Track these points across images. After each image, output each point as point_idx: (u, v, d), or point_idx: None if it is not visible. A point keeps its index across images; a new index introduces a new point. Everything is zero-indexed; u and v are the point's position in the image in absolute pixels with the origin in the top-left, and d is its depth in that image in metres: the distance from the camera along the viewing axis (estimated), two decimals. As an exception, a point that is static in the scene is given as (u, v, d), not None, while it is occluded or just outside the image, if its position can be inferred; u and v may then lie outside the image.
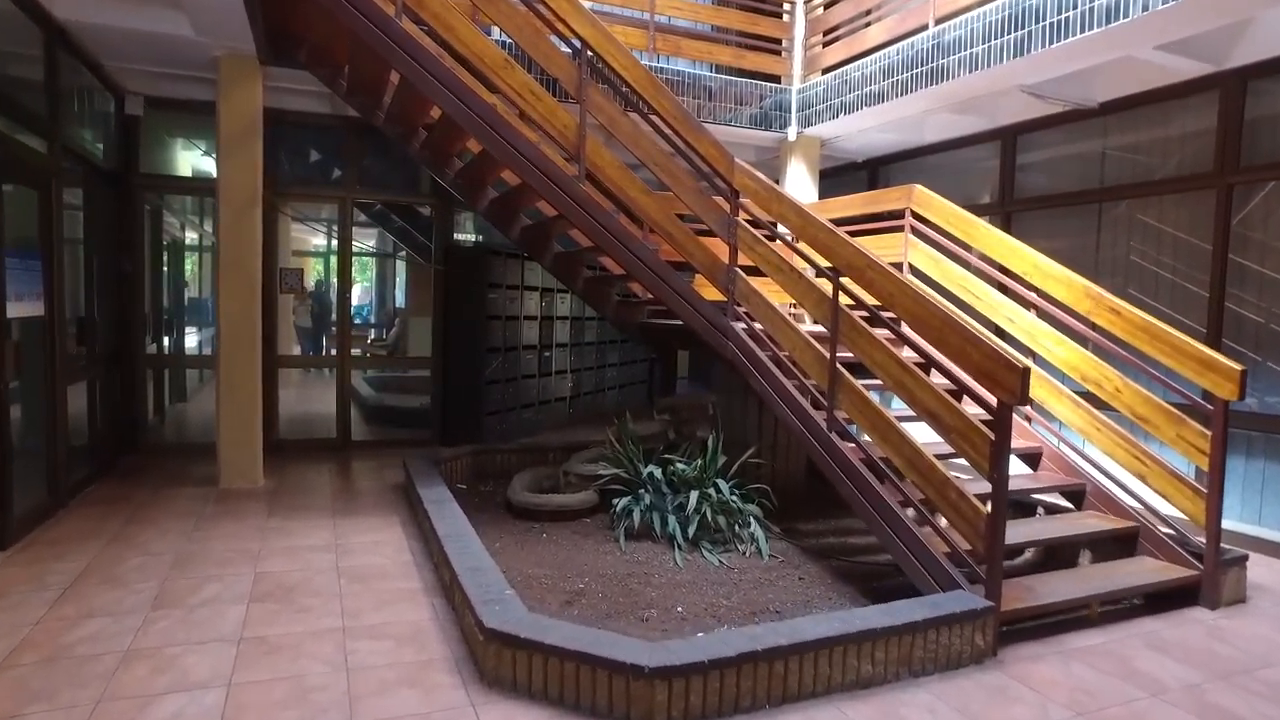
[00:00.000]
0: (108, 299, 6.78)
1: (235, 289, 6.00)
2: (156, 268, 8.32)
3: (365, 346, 14.31)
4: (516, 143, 4.97)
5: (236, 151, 5.98)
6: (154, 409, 8.17)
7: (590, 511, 5.79)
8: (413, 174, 8.33)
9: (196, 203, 10.27)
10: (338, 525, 5.25)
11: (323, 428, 8.04)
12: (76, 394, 6.02)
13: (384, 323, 15.50)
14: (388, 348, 13.84)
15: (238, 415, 6.06)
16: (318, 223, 10.30)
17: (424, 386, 8.79)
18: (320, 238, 18.20)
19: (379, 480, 6.58)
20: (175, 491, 5.95)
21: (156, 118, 7.31)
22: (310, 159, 8.13)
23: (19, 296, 4.82)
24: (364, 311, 17.53)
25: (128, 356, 7.14)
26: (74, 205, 6.14)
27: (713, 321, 5.52)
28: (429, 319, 8.31)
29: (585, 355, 9.98)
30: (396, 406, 9.35)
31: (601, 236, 5.20)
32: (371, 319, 16.92)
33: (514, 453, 6.96)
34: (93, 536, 4.87)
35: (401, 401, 9.68)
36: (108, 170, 6.73)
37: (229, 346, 6.01)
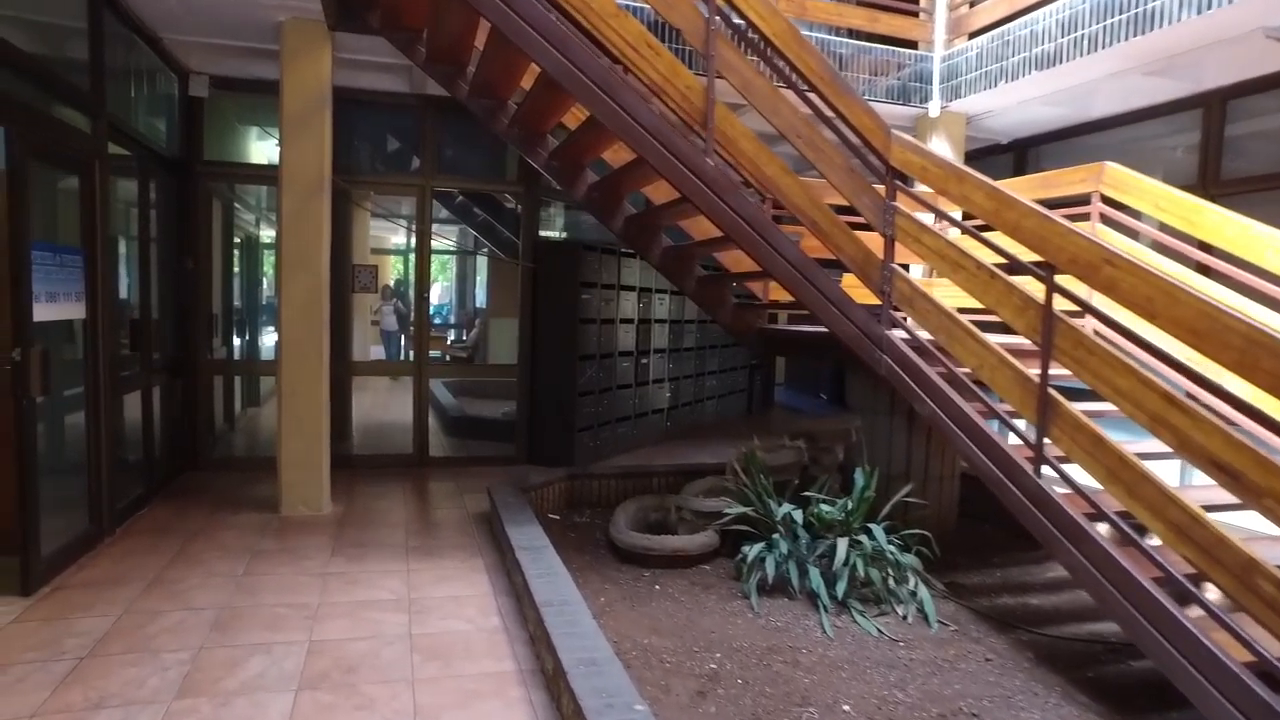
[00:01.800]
0: (168, 299, 6.12)
1: (298, 288, 5.23)
2: (226, 265, 7.69)
3: (444, 349, 13.65)
4: (632, 107, 4.03)
5: (301, 131, 5.21)
6: (223, 416, 7.54)
7: (710, 556, 4.83)
8: (497, 159, 7.50)
9: (273, 195, 9.73)
10: (412, 571, 4.40)
11: (398, 442, 7.28)
12: (130, 406, 5.35)
13: (463, 324, 14.83)
14: (467, 349, 13.15)
15: (300, 433, 5.29)
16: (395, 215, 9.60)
17: (507, 392, 7.98)
18: (400, 235, 17.76)
19: (459, 507, 5.74)
20: (231, 518, 5.22)
21: (222, 100, 6.65)
22: (385, 144, 7.39)
23: (52, 297, 4.11)
24: (443, 311, 16.96)
25: (190, 363, 6.49)
26: (128, 195, 5.48)
27: (865, 330, 4.48)
28: (511, 320, 7.50)
29: (684, 362, 9.01)
30: (478, 417, 8.55)
31: (735, 226, 4.22)
32: (451, 319, 16.31)
33: (613, 478, 6.04)
34: (130, 579, 4.13)
35: (483, 411, 8.89)
36: (169, 158, 6.07)
37: (290, 354, 5.25)
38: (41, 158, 4.03)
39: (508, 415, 8.70)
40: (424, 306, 7.09)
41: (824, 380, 14.00)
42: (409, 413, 7.15)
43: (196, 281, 6.49)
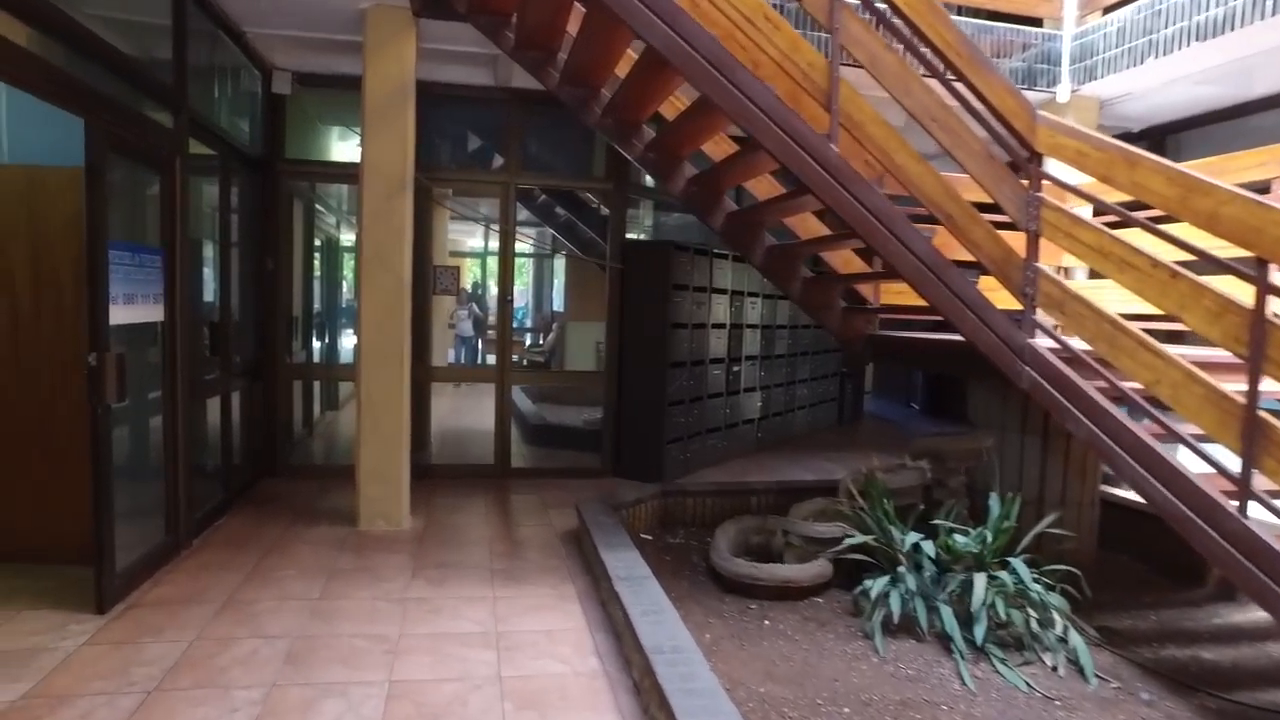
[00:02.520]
0: (247, 301, 5.94)
1: (378, 289, 4.95)
2: (306, 266, 7.54)
3: (520, 353, 13.42)
4: (748, 87, 3.59)
5: (383, 124, 4.93)
6: (301, 421, 7.38)
7: (822, 587, 4.36)
8: (583, 156, 7.16)
9: (352, 194, 9.60)
10: (498, 599, 4.04)
11: (478, 451, 6.99)
12: (209, 411, 5.16)
13: (539, 328, 14.59)
14: (544, 354, 12.89)
15: (379, 444, 5.01)
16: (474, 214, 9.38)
17: (586, 399, 7.65)
18: (476, 238, 17.68)
19: (545, 524, 5.38)
20: (307, 531, 4.97)
21: (304, 98, 6.46)
22: (467, 140, 7.11)
23: (129, 299, 3.89)
24: (518, 315, 16.81)
25: (269, 367, 6.30)
26: (209, 193, 5.30)
27: (1005, 338, 3.94)
28: (589, 324, 7.16)
29: (775, 370, 8.51)
30: (559, 426, 8.22)
31: (862, 220, 3.74)
32: (527, 323, 16.13)
33: (709, 496, 5.59)
34: (203, 598, 3.88)
35: (563, 418, 8.56)
36: (251, 156, 5.90)
37: (370, 359, 4.97)
38: (120, 152, 3.81)
39: (589, 423, 8.36)
40: (507, 310, 6.78)
41: (915, 389, 13.31)
42: (485, 420, 6.86)
43: (276, 283, 6.31)
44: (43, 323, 4.28)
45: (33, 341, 4.29)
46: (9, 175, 4.26)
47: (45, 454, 4.30)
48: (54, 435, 4.26)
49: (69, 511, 4.07)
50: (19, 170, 4.27)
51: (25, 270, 4.26)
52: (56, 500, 4.24)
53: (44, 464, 4.31)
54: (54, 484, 4.26)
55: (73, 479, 4.00)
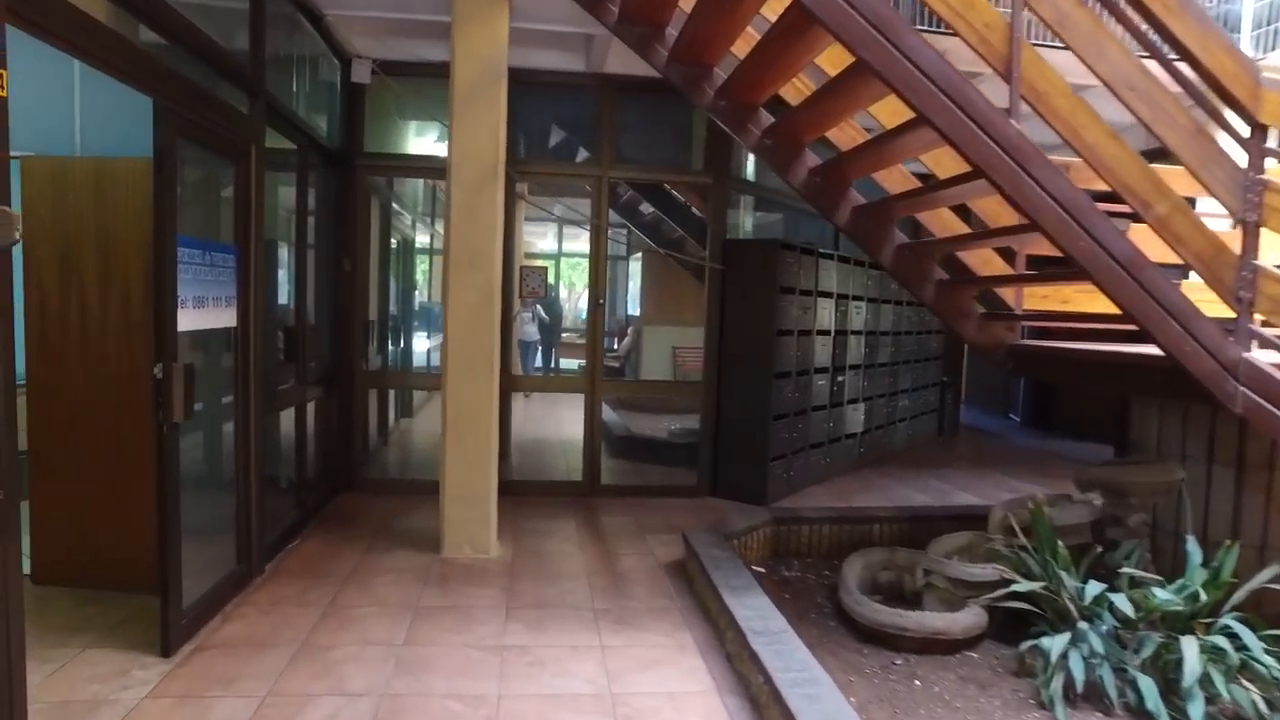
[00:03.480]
0: (323, 305, 5.55)
1: (467, 291, 4.48)
2: (382, 267, 7.17)
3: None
4: (917, 53, 3.00)
5: (473, 109, 4.47)
6: (376, 429, 7.00)
7: (976, 640, 3.73)
8: (680, 147, 6.63)
9: (428, 192, 9.25)
10: (607, 648, 3.51)
11: (560, 465, 6.52)
12: (283, 423, 4.78)
13: (614, 332, 14.09)
14: (619, 359, 12.39)
15: (466, 463, 4.54)
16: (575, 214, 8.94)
17: (669, 408, 7.12)
18: (545, 239, 17.30)
19: (644, 553, 4.84)
20: (387, 558, 4.52)
21: (382, 89, 6.06)
22: (556, 131, 6.64)
23: (200, 302, 3.48)
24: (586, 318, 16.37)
25: (346, 375, 5.91)
26: (285, 188, 4.92)
27: (1215, 351, 3.26)
28: (667, 328, 6.63)
29: (877, 380, 7.84)
30: (646, 438, 7.69)
31: (1047, 211, 3.12)
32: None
33: (825, 523, 4.99)
34: (276, 640, 3.44)
35: (647, 428, 8.04)
36: (330, 149, 5.51)
37: (457, 368, 4.50)
38: (192, 138, 3.40)
39: (675, 435, 7.82)
40: (600, 315, 6.27)
41: (1014, 399, 12.42)
42: (562, 430, 6.37)
43: (353, 285, 5.92)
44: (111, 327, 3.92)
45: (101, 348, 3.93)
46: (78, 168, 3.91)
47: (116, 471, 3.94)
48: (125, 450, 3.89)
49: (140, 533, 3.69)
50: (88, 162, 3.92)
51: (94, 271, 3.91)
52: (127, 521, 3.88)
53: (115, 482, 3.95)
54: (125, 503, 3.90)
55: (145, 498, 3.61)
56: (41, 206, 3.93)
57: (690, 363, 13.65)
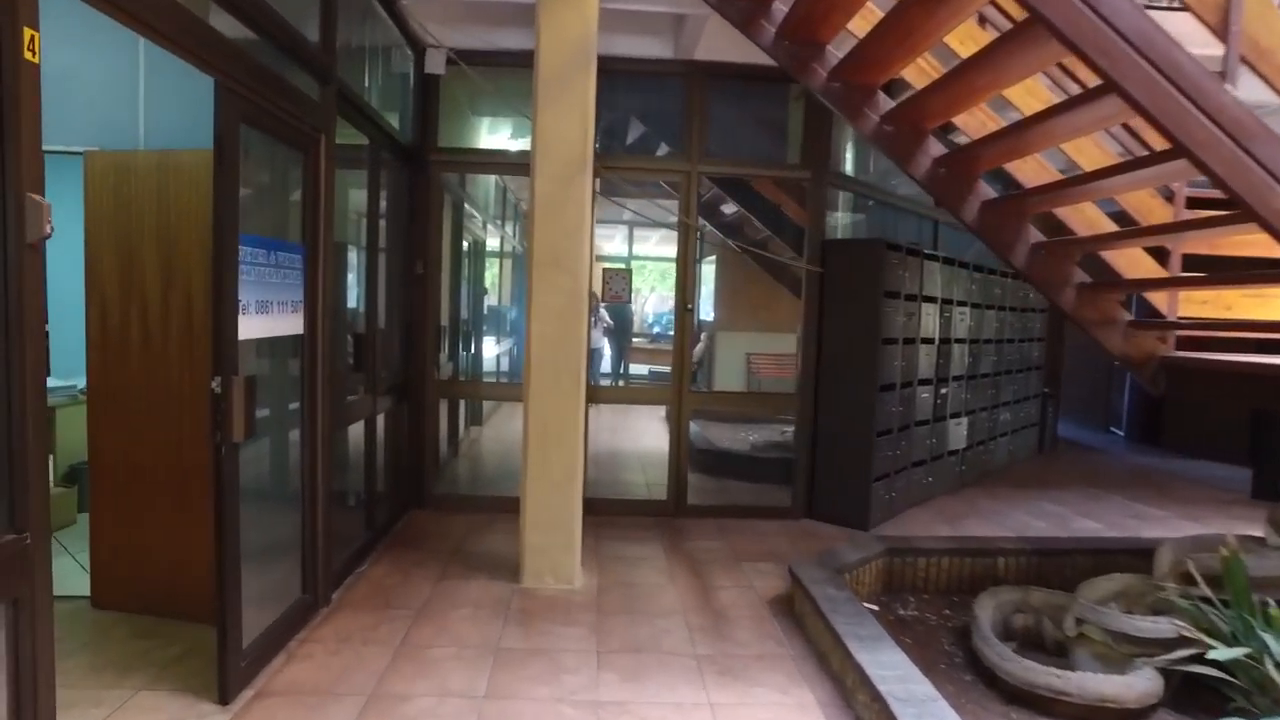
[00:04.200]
0: (394, 309, 5.22)
1: (552, 295, 4.07)
2: (454, 270, 6.84)
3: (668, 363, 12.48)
4: (1103, 3, 2.47)
5: (559, 94, 4.06)
6: (447, 439, 6.67)
7: (1150, 710, 3.17)
8: (775, 139, 6.15)
9: (498, 193, 8.92)
10: (716, 705, 3.04)
11: (638, 481, 6.09)
12: (352, 436, 4.45)
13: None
14: (693, 365, 11.95)
15: (549, 483, 4.12)
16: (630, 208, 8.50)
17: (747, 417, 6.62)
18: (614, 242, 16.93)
19: (743, 585, 4.36)
20: (462, 588, 4.13)
21: (456, 84, 5.72)
22: (636, 124, 6.21)
23: (263, 307, 3.14)
24: (661, 321, 15.90)
25: (418, 384, 5.57)
26: (356, 184, 4.59)
27: None
28: (741, 334, 6.14)
29: (979, 392, 7.22)
30: (732, 453, 7.21)
31: (1266, 194, 2.56)
32: (669, 331, 15.22)
33: (944, 555, 4.45)
34: (344, 689, 3.06)
35: (733, 442, 7.56)
36: (403, 143, 5.17)
37: (540, 379, 4.09)
38: (257, 125, 3.06)
39: (759, 449, 7.34)
40: (687, 321, 5.81)
41: (1116, 412, 11.56)
42: (642, 444, 5.93)
43: (426, 288, 5.57)
44: (173, 333, 3.61)
45: (162, 354, 3.63)
46: (141, 162, 3.61)
47: (176, 488, 3.64)
48: (186, 466, 3.59)
49: (202, 558, 3.36)
50: (151, 155, 3.63)
51: (155, 271, 3.61)
52: (188, 544, 3.57)
53: (175, 500, 3.65)
54: (186, 524, 3.59)
55: (207, 520, 3.28)
56: (103, 203, 3.65)
57: (765, 369, 13.12)
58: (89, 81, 3.83)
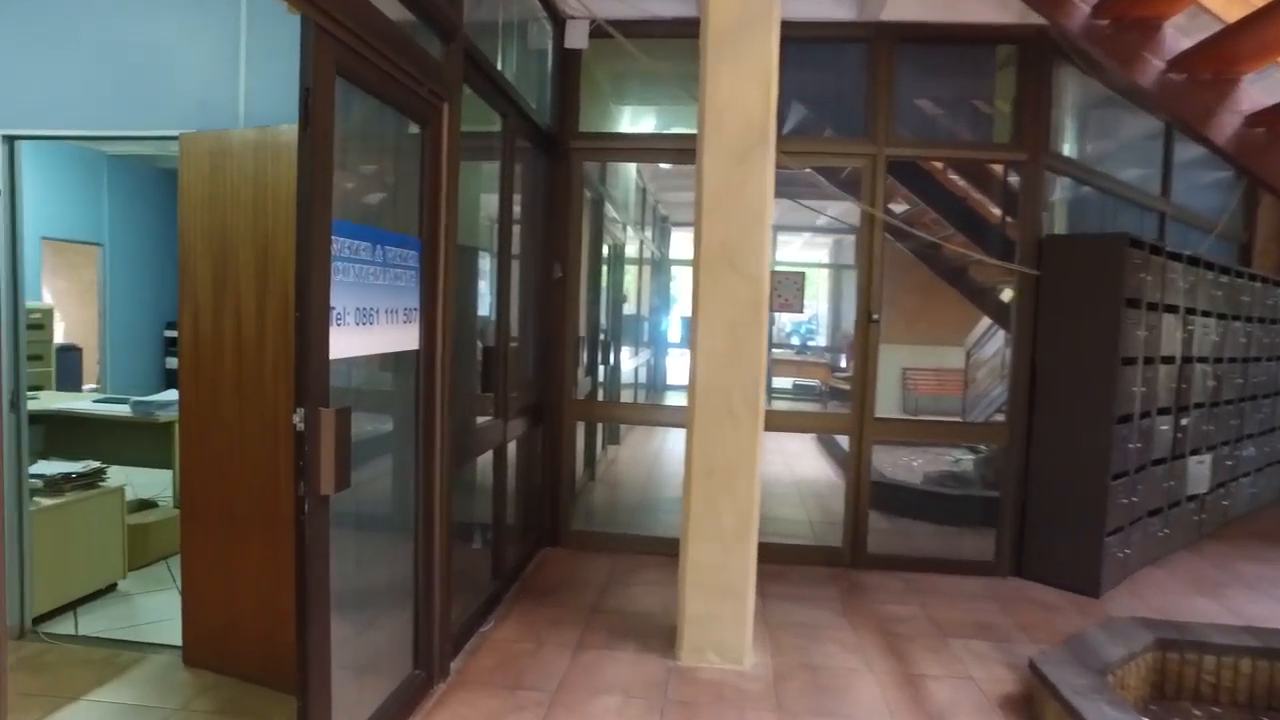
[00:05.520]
0: (529, 319, 4.54)
1: (725, 304, 3.22)
2: (593, 275, 6.14)
3: (822, 377, 11.46)
4: None
5: (735, 54, 3.21)
6: (583, 461, 5.96)
7: None
8: (978, 115, 5.13)
9: (638, 192, 8.20)
10: None
11: (797, 519, 5.19)
12: (478, 469, 3.77)
13: (842, 348, 12.51)
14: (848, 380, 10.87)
15: (718, 540, 3.28)
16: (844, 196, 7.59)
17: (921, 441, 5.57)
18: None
19: (959, 674, 3.37)
20: (607, 662, 3.34)
21: (597, 66, 5.01)
22: (798, 106, 5.31)
23: (365, 315, 2.45)
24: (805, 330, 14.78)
25: (555, 406, 4.87)
26: (488, 170, 3.92)
27: None
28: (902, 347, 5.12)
29: (1222, 422, 5.88)
30: (905, 486, 6.18)
31: None
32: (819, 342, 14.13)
33: (1245, 654, 3.31)
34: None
35: (899, 470, 6.52)
36: (541, 127, 4.48)
37: (708, 410, 3.25)
38: (358, 82, 2.38)
39: (934, 480, 6.28)
40: (870, 334, 4.85)
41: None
42: (798, 471, 5.00)
43: (565, 295, 4.87)
44: (269, 343, 3.01)
45: (256, 369, 3.04)
46: (238, 141, 3.04)
47: (268, 530, 3.03)
48: (283, 513, 2.97)
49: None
50: (249, 134, 3.05)
51: (250, 269, 3.02)
52: (281, 597, 2.95)
53: (267, 544, 3.04)
54: (281, 580, 2.98)
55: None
56: (197, 193, 3.10)
57: (924, 386, 11.85)
58: (188, 56, 3.30)
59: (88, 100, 3.34)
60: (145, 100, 3.28)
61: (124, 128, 3.33)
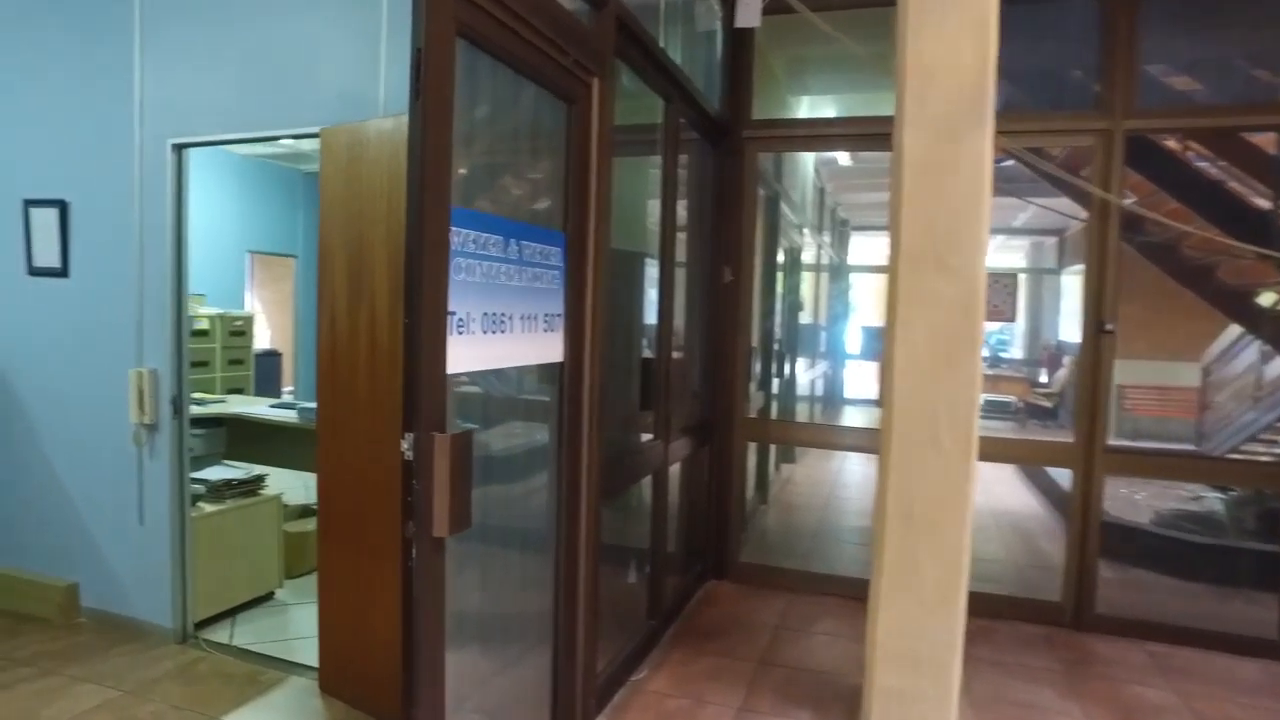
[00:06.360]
0: (695, 328, 4.09)
1: (931, 310, 2.62)
2: (767, 279, 5.63)
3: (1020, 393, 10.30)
4: None
5: (940, 3, 2.62)
6: (754, 483, 5.45)
7: None
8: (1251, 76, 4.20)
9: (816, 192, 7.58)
10: None
11: (995, 556, 4.42)
12: (633, 497, 3.37)
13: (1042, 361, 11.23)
14: (1054, 398, 9.66)
15: (915, 601, 2.66)
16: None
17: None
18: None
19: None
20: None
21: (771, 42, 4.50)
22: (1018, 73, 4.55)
23: (495, 322, 2.08)
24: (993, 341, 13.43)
25: (724, 425, 4.39)
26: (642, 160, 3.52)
27: None
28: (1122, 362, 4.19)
29: None
30: (1137, 529, 5.22)
31: None
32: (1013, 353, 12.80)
33: None
34: None
35: (1123, 505, 5.53)
36: (709, 115, 4.04)
37: (906, 439, 2.65)
38: (483, 44, 2.02)
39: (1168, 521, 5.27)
40: (1102, 347, 4.03)
41: None
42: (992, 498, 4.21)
43: (737, 301, 4.38)
44: (400, 356, 2.74)
45: (390, 386, 2.78)
46: (374, 132, 2.80)
47: (372, 567, 2.77)
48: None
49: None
50: (385, 123, 2.80)
51: (385, 269, 2.77)
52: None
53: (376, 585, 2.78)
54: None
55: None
56: (336, 189, 2.88)
57: (1143, 406, 10.34)
58: (330, 48, 3.13)
59: (242, 104, 3.26)
60: (291, 98, 3.15)
61: (273, 128, 3.21)
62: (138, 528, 3.59)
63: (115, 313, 3.56)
